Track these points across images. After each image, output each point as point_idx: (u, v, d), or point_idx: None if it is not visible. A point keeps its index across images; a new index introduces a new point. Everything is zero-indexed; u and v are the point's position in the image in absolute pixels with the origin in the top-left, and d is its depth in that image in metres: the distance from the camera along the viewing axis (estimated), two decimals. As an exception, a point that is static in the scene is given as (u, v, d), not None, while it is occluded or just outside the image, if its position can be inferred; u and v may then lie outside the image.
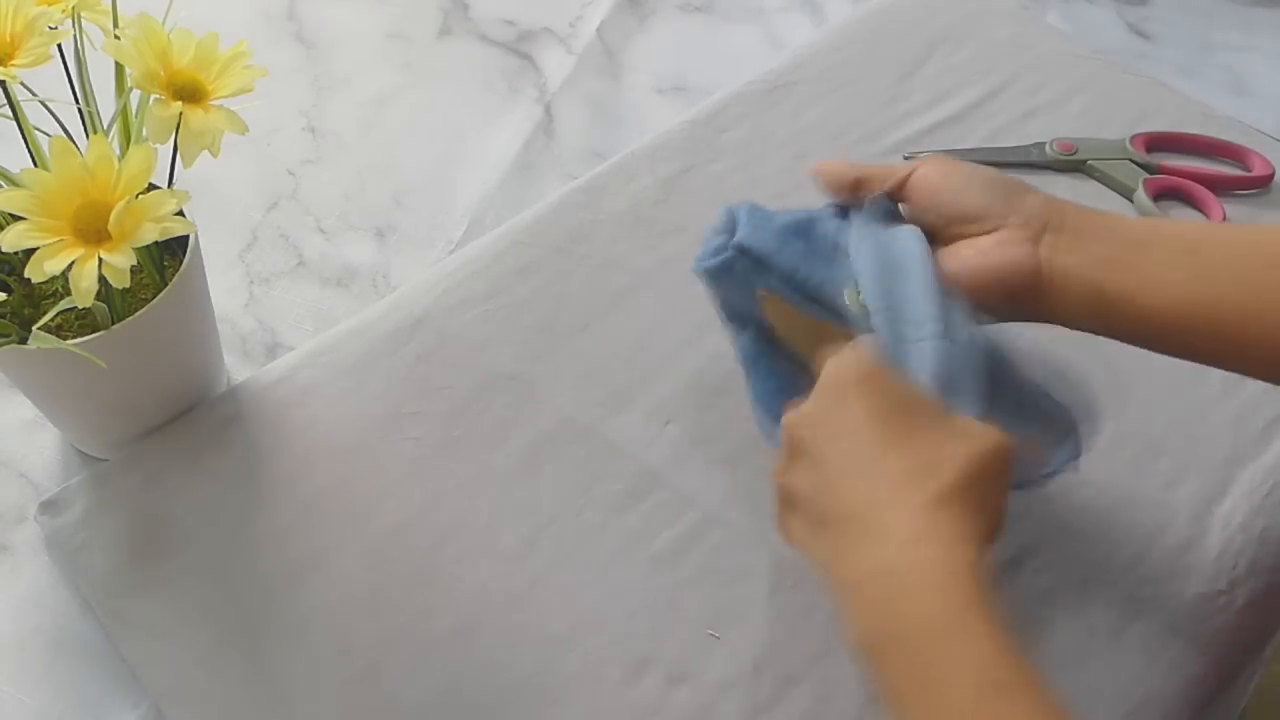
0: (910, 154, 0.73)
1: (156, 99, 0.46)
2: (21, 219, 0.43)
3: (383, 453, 0.56)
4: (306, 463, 0.55)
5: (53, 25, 0.46)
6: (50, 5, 0.47)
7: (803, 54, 0.79)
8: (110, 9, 0.49)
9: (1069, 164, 0.73)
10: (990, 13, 0.83)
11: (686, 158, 0.71)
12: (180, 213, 0.45)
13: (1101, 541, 0.54)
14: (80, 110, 0.50)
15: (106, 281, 0.44)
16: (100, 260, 0.43)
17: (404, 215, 0.71)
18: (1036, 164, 0.73)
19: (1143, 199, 0.70)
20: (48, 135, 0.45)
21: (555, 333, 0.61)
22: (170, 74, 0.47)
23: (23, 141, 0.49)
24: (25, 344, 0.46)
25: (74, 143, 0.45)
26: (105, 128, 0.50)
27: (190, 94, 0.46)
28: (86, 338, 0.47)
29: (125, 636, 0.50)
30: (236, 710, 0.48)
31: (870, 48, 0.80)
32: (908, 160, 0.72)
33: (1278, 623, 0.55)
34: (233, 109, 0.47)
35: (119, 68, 0.49)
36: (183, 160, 0.46)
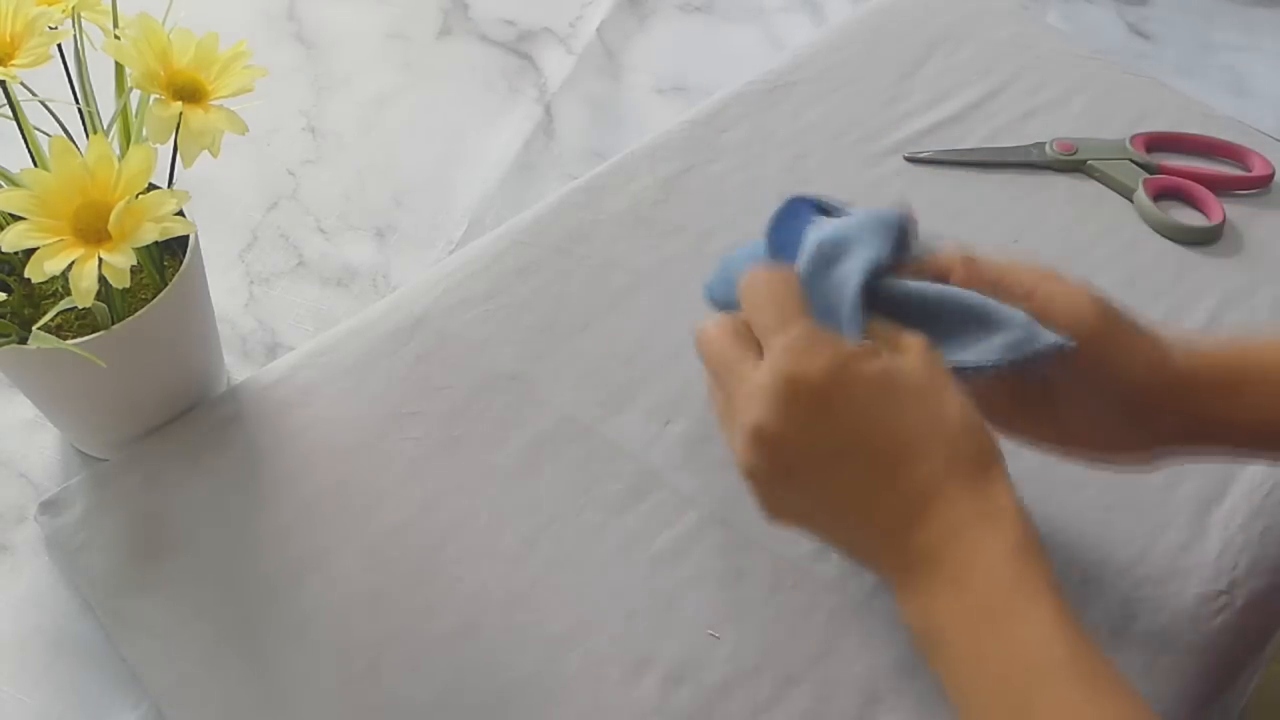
0: (910, 154, 0.73)
1: (156, 99, 0.46)
2: (21, 219, 0.43)
3: (383, 453, 0.56)
4: (306, 463, 0.55)
5: (53, 25, 0.46)
6: (50, 5, 0.47)
7: (803, 54, 0.79)
8: (110, 9, 0.49)
9: (1069, 164, 0.73)
10: (990, 13, 0.83)
11: (686, 158, 0.71)
12: (180, 213, 0.45)
13: (1101, 542, 0.54)
14: (80, 110, 0.50)
15: (106, 281, 0.44)
16: (100, 260, 0.43)
17: (404, 215, 0.71)
18: (1036, 164, 0.73)
19: (1143, 199, 0.70)
20: (48, 135, 0.45)
21: (555, 333, 0.61)
22: (170, 74, 0.47)
23: (23, 141, 0.49)
24: (25, 344, 0.46)
25: (74, 143, 0.45)
26: (105, 128, 0.50)
27: (190, 94, 0.46)
28: (86, 338, 0.47)
29: (125, 636, 0.50)
30: (236, 710, 0.48)
31: (870, 48, 0.80)
32: (907, 160, 0.72)
33: (1278, 623, 0.55)
34: (233, 109, 0.47)
35: (119, 68, 0.49)
36: (183, 160, 0.46)
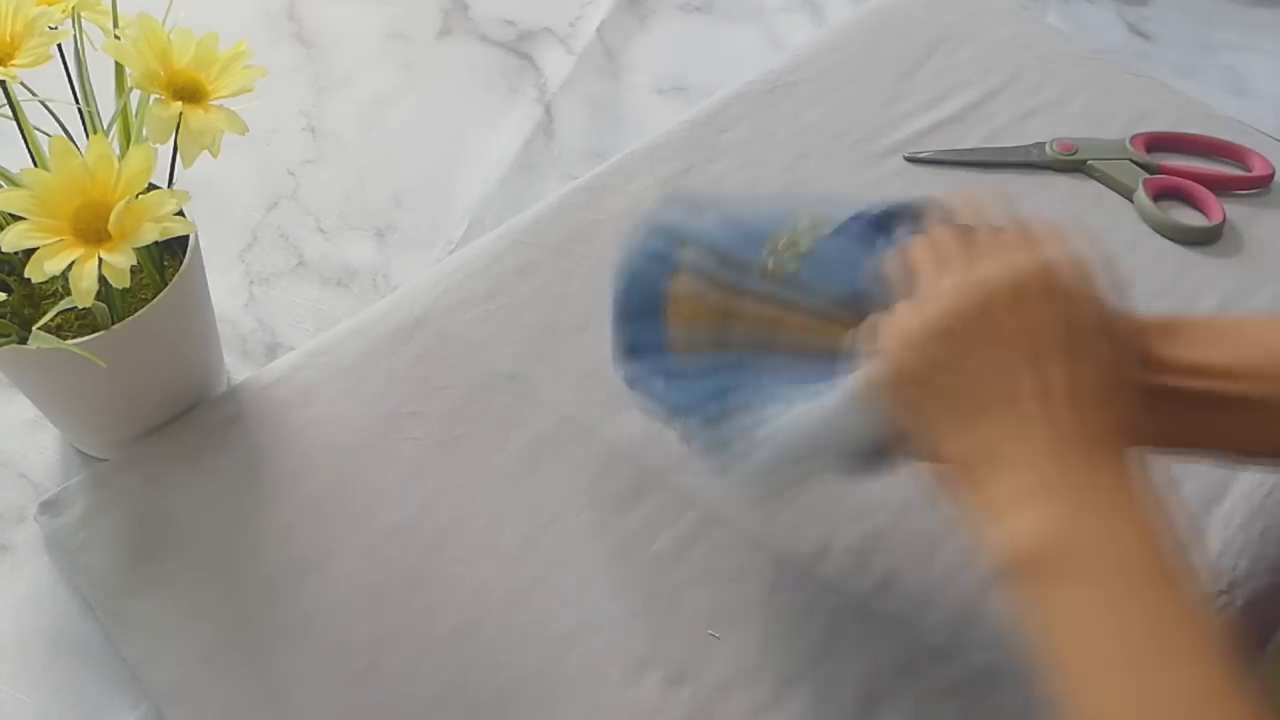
0: (910, 154, 0.73)
1: (156, 99, 0.46)
2: (21, 219, 0.43)
3: (383, 453, 0.56)
4: (307, 462, 0.55)
5: (53, 25, 0.46)
6: (50, 5, 0.47)
7: (803, 54, 0.79)
8: (110, 9, 0.49)
9: (1069, 164, 0.73)
10: (990, 13, 0.83)
11: (686, 158, 0.71)
12: (180, 213, 0.45)
13: (1101, 541, 0.54)
14: (80, 110, 0.50)
15: (106, 281, 0.44)
16: (100, 260, 0.43)
17: (404, 215, 0.71)
18: (1036, 164, 0.73)
19: (1143, 199, 0.70)
20: (48, 135, 0.45)
21: (555, 333, 0.61)
22: (170, 74, 0.47)
23: (23, 141, 0.49)
24: (25, 344, 0.46)
25: (74, 143, 0.45)
26: (105, 128, 0.50)
27: (190, 94, 0.47)
28: (86, 338, 0.47)
29: (125, 636, 0.50)
30: (236, 710, 0.48)
31: (870, 48, 0.80)
32: (907, 160, 0.72)
33: (1278, 623, 0.55)
34: (233, 109, 0.47)
35: (119, 68, 0.49)
36: (183, 160, 0.46)
